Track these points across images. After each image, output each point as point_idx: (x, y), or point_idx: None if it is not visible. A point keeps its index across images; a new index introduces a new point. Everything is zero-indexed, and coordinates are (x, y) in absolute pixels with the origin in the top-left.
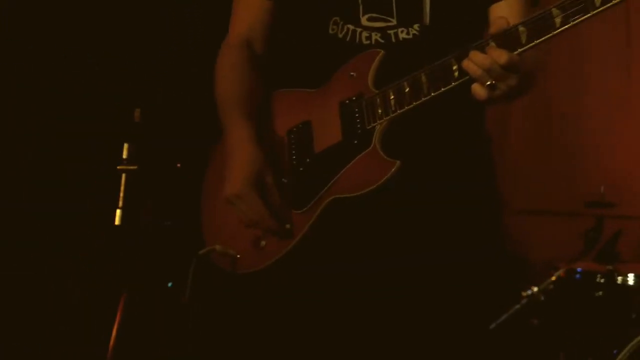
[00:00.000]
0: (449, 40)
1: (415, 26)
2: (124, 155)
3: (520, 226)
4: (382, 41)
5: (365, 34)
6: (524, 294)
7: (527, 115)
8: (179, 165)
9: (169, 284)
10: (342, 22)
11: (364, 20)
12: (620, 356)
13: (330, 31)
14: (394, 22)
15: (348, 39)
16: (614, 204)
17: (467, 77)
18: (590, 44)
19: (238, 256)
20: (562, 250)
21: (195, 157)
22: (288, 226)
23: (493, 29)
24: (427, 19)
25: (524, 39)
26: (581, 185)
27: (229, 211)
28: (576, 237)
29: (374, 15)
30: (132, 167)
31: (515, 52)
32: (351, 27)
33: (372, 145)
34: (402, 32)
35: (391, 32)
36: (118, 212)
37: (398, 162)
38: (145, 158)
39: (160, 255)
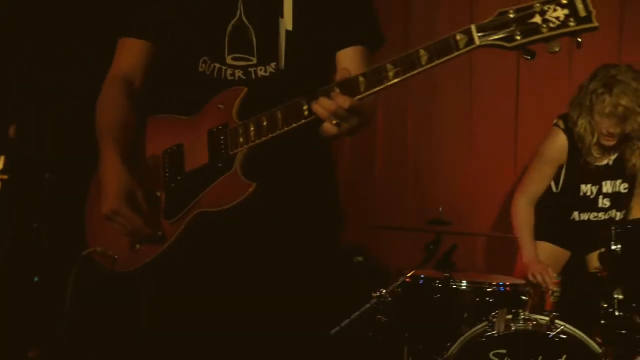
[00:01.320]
0: (301, 79)
1: (272, 64)
2: (0, 166)
3: (378, 239)
4: (244, 77)
5: (229, 71)
6: (373, 294)
7: (388, 149)
8: (47, 175)
9: (35, 279)
10: (210, 61)
11: (228, 59)
12: (452, 348)
13: (200, 68)
14: (254, 60)
15: (215, 75)
16: (450, 223)
17: (315, 116)
18: (437, 87)
19: (116, 257)
20: (410, 260)
21: (64, 168)
22: (160, 233)
23: (338, 76)
24: (282, 60)
25: (362, 87)
26: (425, 206)
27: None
28: (420, 249)
29: (237, 55)
30: (3, 177)
31: (356, 98)
32: (217, 65)
33: (233, 169)
34: (260, 69)
35: (252, 69)
36: None
37: (254, 185)
38: (17, 169)
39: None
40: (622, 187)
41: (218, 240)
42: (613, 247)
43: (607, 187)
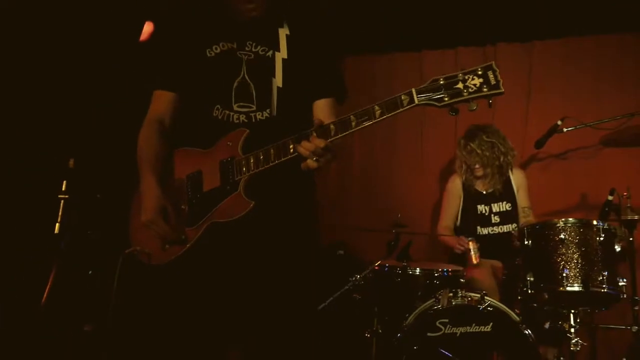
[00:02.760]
0: (288, 121)
1: (267, 111)
2: (63, 189)
3: (355, 237)
4: (246, 120)
5: (235, 115)
6: (350, 279)
7: (363, 173)
8: (98, 195)
9: (89, 272)
10: (221, 108)
11: (235, 107)
12: (409, 319)
13: (214, 114)
14: (254, 108)
15: (225, 119)
16: (406, 225)
17: (298, 154)
18: (397, 127)
19: (151, 254)
20: (378, 253)
21: (111, 191)
22: (183, 237)
23: (315, 124)
24: (274, 108)
25: (333, 132)
26: (389, 213)
27: (145, 228)
28: (385, 245)
29: (242, 104)
30: (65, 196)
31: (328, 140)
32: (227, 111)
33: (238, 190)
34: (259, 114)
35: (252, 114)
36: (57, 224)
37: (253, 203)
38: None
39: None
40: (507, 207)
41: (226, 243)
42: (526, 242)
43: (496, 207)
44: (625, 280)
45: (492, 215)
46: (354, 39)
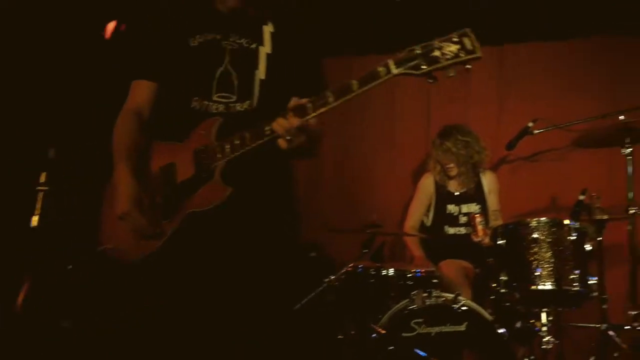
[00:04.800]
0: (267, 114)
1: (247, 102)
2: (41, 180)
3: (328, 239)
4: (225, 111)
5: (214, 106)
6: (324, 280)
7: (336, 172)
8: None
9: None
10: (200, 99)
11: (214, 97)
12: (383, 319)
13: (192, 105)
14: (234, 98)
15: (203, 110)
16: (380, 226)
17: (273, 135)
18: (367, 128)
19: (124, 250)
20: (352, 254)
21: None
22: (159, 231)
23: (291, 104)
24: (255, 100)
25: (310, 110)
26: (363, 214)
27: (119, 221)
28: (359, 246)
29: (222, 94)
30: (45, 188)
31: (305, 119)
32: (206, 102)
33: (214, 178)
34: (239, 105)
35: (232, 105)
36: (35, 217)
37: (230, 189)
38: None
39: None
40: (477, 208)
41: (205, 233)
42: (499, 242)
43: (466, 208)
44: (595, 278)
45: (460, 215)
46: (332, 41)
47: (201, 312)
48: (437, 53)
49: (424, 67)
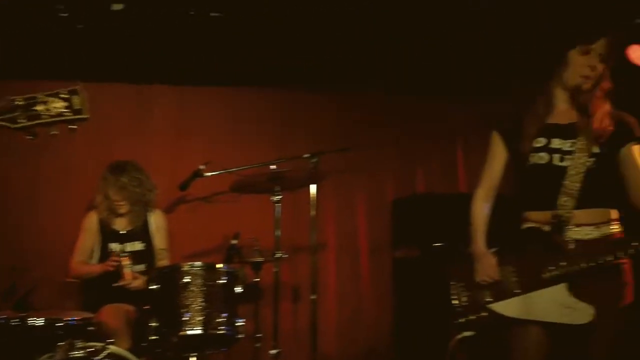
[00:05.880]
0: None
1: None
2: None
3: None
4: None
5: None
6: None
7: None
8: None
9: None
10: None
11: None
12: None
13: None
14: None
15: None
16: (28, 269)
17: None
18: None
19: None
20: None
21: None
22: None
23: None
24: None
25: None
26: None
27: None
28: None
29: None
30: None
31: None
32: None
33: None
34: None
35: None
36: None
37: None
38: None
39: None
40: (141, 246)
41: None
42: (152, 286)
43: (130, 246)
44: (243, 320)
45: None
46: None
47: None
48: (40, 108)
49: (22, 121)
